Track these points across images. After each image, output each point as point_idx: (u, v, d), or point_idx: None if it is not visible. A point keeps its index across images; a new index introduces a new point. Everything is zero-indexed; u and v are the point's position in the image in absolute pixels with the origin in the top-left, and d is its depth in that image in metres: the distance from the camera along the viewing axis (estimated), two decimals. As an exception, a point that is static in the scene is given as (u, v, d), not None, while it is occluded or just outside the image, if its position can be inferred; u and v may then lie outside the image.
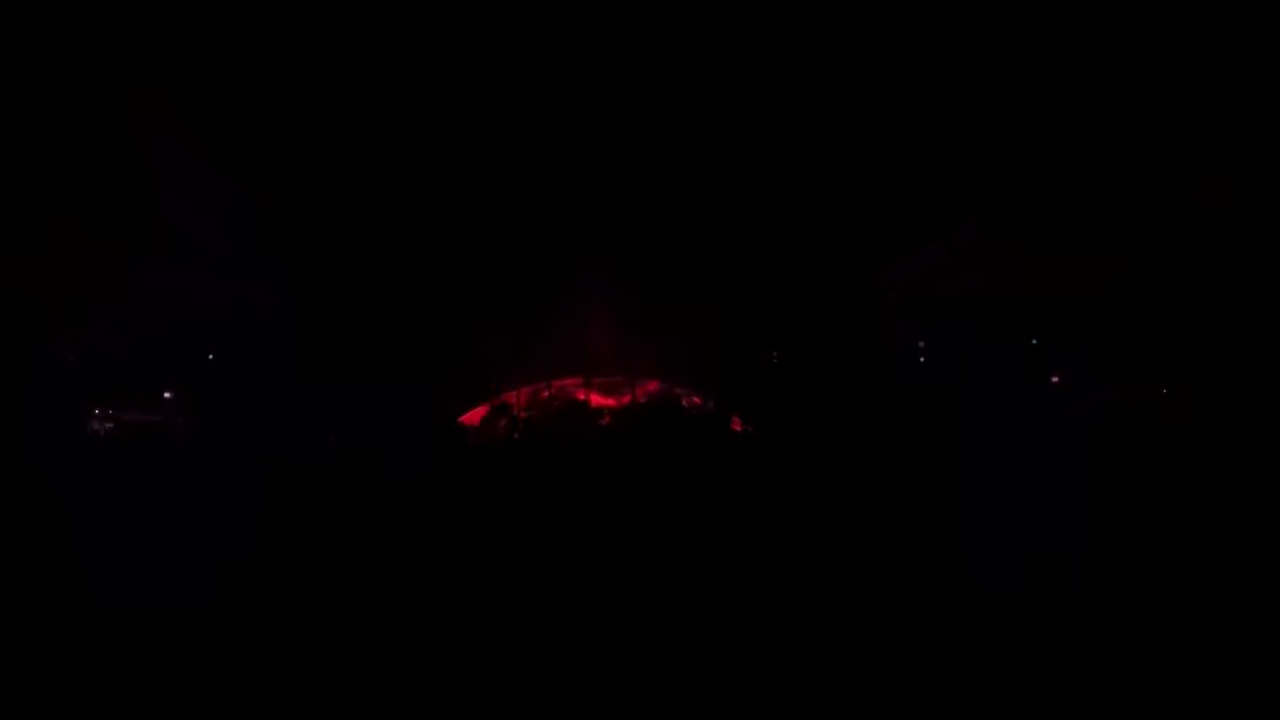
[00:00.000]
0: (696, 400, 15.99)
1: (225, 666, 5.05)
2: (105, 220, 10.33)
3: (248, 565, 6.33)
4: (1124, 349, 10.95)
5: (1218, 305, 10.42)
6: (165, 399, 11.23)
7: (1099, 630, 6.14)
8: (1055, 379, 11.27)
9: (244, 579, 6.12)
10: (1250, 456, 8.53)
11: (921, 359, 11.89)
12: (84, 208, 10.18)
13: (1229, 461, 8.50)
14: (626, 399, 16.74)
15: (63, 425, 10.19)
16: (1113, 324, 11.08)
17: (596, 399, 16.56)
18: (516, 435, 14.17)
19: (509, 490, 9.09)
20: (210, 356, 11.46)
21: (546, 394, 16.60)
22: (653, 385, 16.69)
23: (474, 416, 14.97)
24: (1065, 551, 7.12)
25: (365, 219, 11.57)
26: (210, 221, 11.15)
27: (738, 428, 13.70)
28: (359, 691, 4.86)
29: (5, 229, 9.72)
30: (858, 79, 10.48)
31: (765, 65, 10.39)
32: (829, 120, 10.96)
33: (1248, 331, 10.22)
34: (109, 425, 10.81)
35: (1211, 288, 10.48)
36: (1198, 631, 5.98)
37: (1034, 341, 11.35)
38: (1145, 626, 6.19)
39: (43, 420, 9.74)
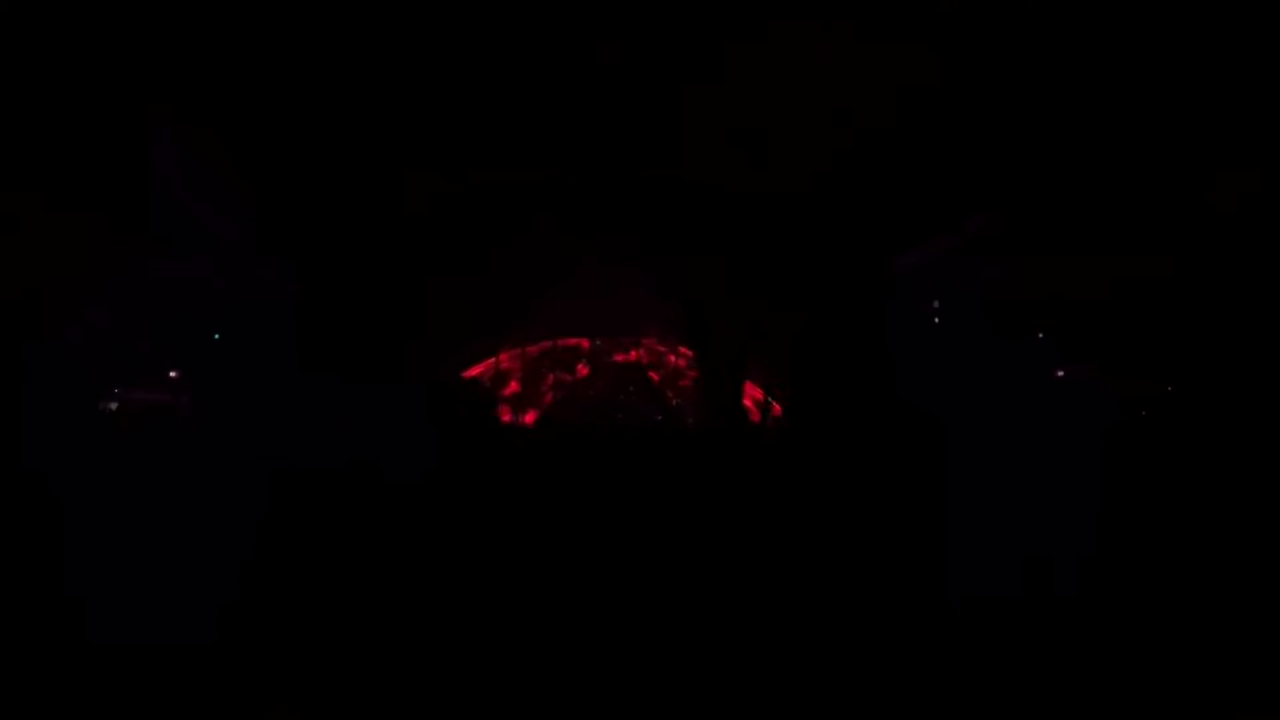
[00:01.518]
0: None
1: (229, 673, 5.06)
2: (111, 206, 10.25)
3: (250, 563, 6.30)
4: (1130, 347, 10.87)
5: (1226, 304, 10.30)
6: (171, 378, 11.29)
7: (1111, 635, 6.17)
8: (1061, 374, 11.23)
9: (246, 579, 6.09)
10: (1254, 456, 8.51)
11: (928, 352, 11.83)
12: (89, 194, 10.08)
13: (1232, 461, 8.48)
14: (633, 356, 16.77)
15: (66, 406, 10.20)
16: (1118, 322, 10.99)
17: (599, 357, 16.60)
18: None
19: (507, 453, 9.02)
20: (216, 336, 11.50)
21: (548, 350, 16.65)
22: (656, 344, 16.70)
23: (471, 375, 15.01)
24: (1067, 551, 7.15)
25: (368, 213, 11.51)
26: (217, 213, 11.08)
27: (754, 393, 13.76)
28: (367, 698, 4.90)
29: (13, 214, 9.64)
30: (875, 70, 10.27)
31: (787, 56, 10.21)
32: (846, 110, 10.77)
33: (1255, 332, 10.12)
34: (114, 405, 10.87)
35: (1220, 287, 10.36)
36: (1199, 634, 6.02)
37: (1040, 336, 11.29)
38: (1150, 628, 6.24)
39: (46, 402, 9.74)
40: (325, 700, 4.91)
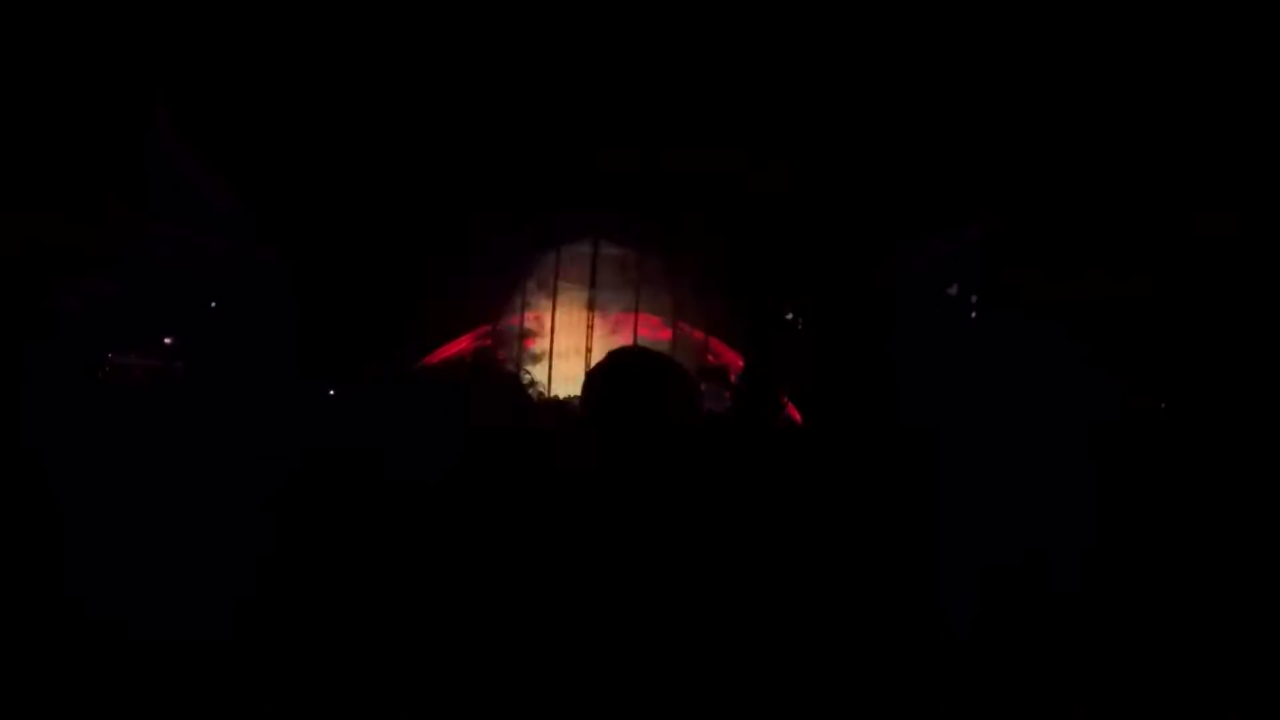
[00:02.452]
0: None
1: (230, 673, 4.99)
2: (110, 172, 10.12)
3: (250, 548, 6.24)
4: (1127, 357, 10.86)
5: (1221, 319, 10.26)
6: (166, 344, 11.14)
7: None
8: (1064, 378, 11.17)
9: (247, 565, 6.04)
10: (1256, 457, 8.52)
11: (934, 357, 11.79)
12: (87, 162, 9.94)
13: (1234, 462, 8.49)
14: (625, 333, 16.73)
15: (66, 373, 10.07)
16: (1122, 327, 10.97)
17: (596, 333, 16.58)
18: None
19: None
20: (212, 304, 11.35)
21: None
22: (655, 321, 16.68)
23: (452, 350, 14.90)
24: (1069, 554, 7.17)
25: (363, 206, 11.40)
26: (214, 186, 10.96)
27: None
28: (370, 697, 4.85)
29: (11, 180, 9.50)
30: (880, 77, 10.23)
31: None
32: (849, 116, 10.73)
33: (1247, 347, 10.08)
34: (106, 369, 10.70)
35: (1213, 302, 10.33)
36: (1199, 634, 6.02)
37: (1043, 340, 11.24)
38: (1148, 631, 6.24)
39: (45, 370, 9.62)
40: (327, 698, 4.85)
